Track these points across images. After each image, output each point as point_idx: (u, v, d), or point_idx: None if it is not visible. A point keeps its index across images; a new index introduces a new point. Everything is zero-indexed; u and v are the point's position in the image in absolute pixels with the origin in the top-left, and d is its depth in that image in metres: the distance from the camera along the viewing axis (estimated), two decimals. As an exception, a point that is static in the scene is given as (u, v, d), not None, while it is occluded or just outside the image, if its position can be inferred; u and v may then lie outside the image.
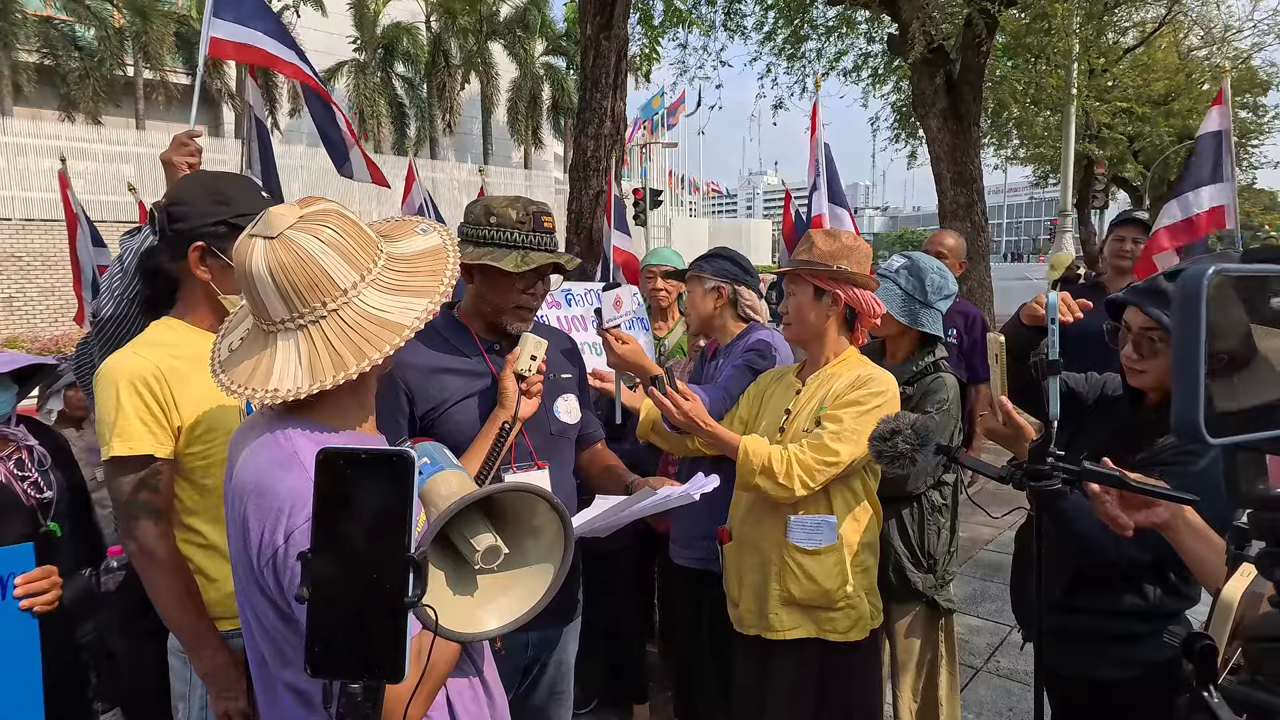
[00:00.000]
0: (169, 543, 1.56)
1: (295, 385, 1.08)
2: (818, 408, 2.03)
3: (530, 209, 1.78)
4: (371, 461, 0.75)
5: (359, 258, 1.12)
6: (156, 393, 1.54)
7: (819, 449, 1.93)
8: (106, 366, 1.56)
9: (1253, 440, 0.69)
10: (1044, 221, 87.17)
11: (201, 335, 1.65)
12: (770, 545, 2.05)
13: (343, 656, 0.76)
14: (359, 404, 1.22)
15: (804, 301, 2.08)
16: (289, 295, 1.09)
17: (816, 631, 2.03)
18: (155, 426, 1.54)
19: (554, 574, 1.16)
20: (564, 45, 28.09)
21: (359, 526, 0.74)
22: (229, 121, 23.90)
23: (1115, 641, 1.73)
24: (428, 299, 1.13)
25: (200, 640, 1.56)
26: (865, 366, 2.09)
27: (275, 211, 1.11)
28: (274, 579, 1.07)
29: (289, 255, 1.07)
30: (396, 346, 1.09)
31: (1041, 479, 1.38)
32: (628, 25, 5.59)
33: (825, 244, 2.09)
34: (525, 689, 1.91)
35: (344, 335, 1.10)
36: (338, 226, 1.11)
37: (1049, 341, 1.41)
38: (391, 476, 0.74)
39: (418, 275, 1.16)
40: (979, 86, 8.71)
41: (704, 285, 2.57)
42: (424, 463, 1.32)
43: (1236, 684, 0.79)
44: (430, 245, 1.21)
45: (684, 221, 28.41)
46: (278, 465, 1.09)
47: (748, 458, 1.95)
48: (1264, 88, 18.87)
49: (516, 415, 1.67)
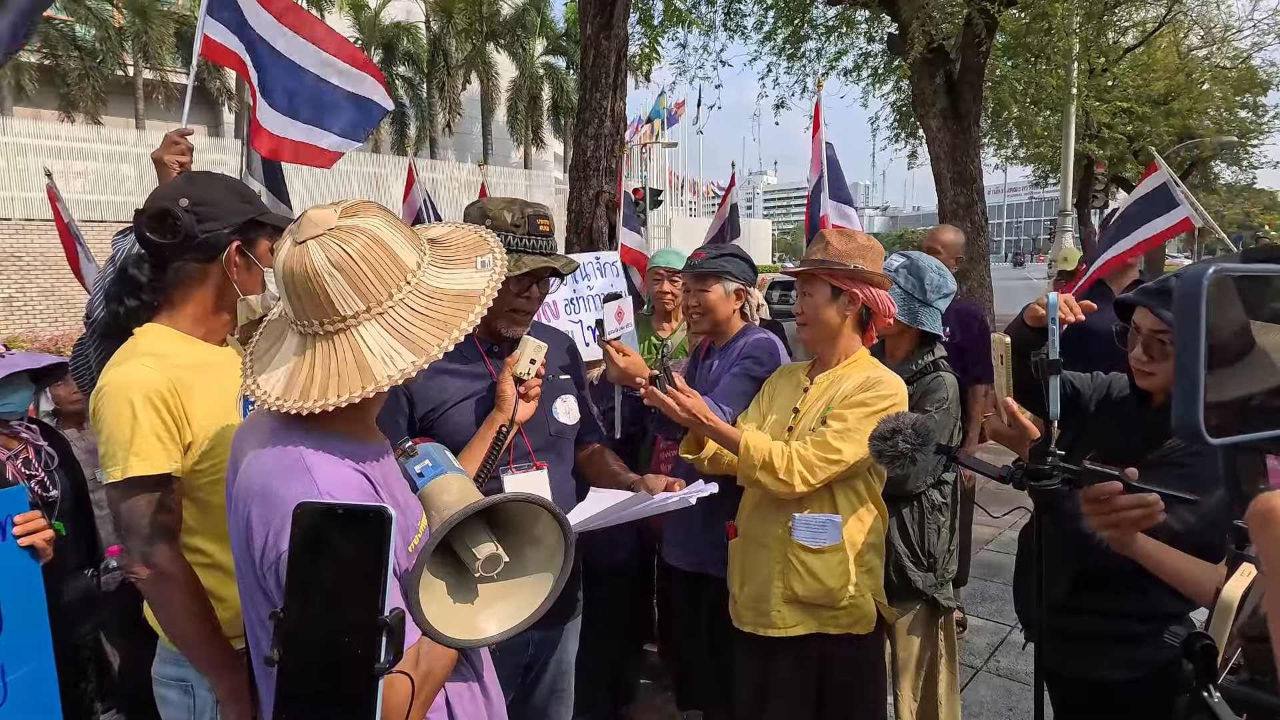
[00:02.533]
0: (183, 563, 1.47)
1: (269, 391, 1.08)
2: (825, 407, 2.02)
3: (526, 211, 1.77)
4: (348, 517, 0.72)
5: (371, 287, 1.07)
6: (172, 408, 1.46)
7: (821, 446, 1.93)
8: (115, 381, 1.46)
9: (1253, 440, 0.69)
10: (1044, 221, 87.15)
11: (195, 344, 1.59)
12: (775, 542, 2.05)
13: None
14: (360, 422, 1.20)
15: (820, 301, 2.06)
16: (295, 302, 1.09)
17: (818, 626, 2.02)
18: (170, 443, 1.46)
19: (553, 583, 1.16)
20: (564, 45, 28.10)
21: (332, 585, 0.72)
22: (229, 122, 23.90)
23: (1116, 642, 1.73)
24: (416, 356, 1.07)
25: (221, 662, 1.49)
26: (876, 369, 2.08)
27: (312, 214, 1.09)
28: (275, 583, 1.07)
29: (299, 266, 1.06)
30: (352, 400, 1.04)
31: (1041, 479, 1.37)
32: (628, 25, 5.58)
33: (841, 243, 2.06)
34: (526, 688, 1.92)
35: (328, 362, 1.07)
36: (359, 249, 1.06)
37: (1049, 341, 1.41)
38: (367, 534, 0.71)
39: (430, 321, 1.10)
40: (979, 86, 8.72)
41: (726, 286, 2.49)
42: (425, 465, 1.32)
43: (1236, 684, 0.79)
44: (469, 289, 1.15)
45: (684, 221, 28.38)
46: (284, 471, 1.09)
47: (749, 453, 1.95)
48: (1264, 88, 18.85)
49: (514, 418, 1.68)
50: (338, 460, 1.11)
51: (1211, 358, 0.63)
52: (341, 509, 0.73)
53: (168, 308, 1.61)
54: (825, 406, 2.03)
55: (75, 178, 13.51)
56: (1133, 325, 1.73)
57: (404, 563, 1.13)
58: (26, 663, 1.57)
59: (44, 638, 1.60)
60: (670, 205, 29.72)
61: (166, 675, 1.55)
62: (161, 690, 1.56)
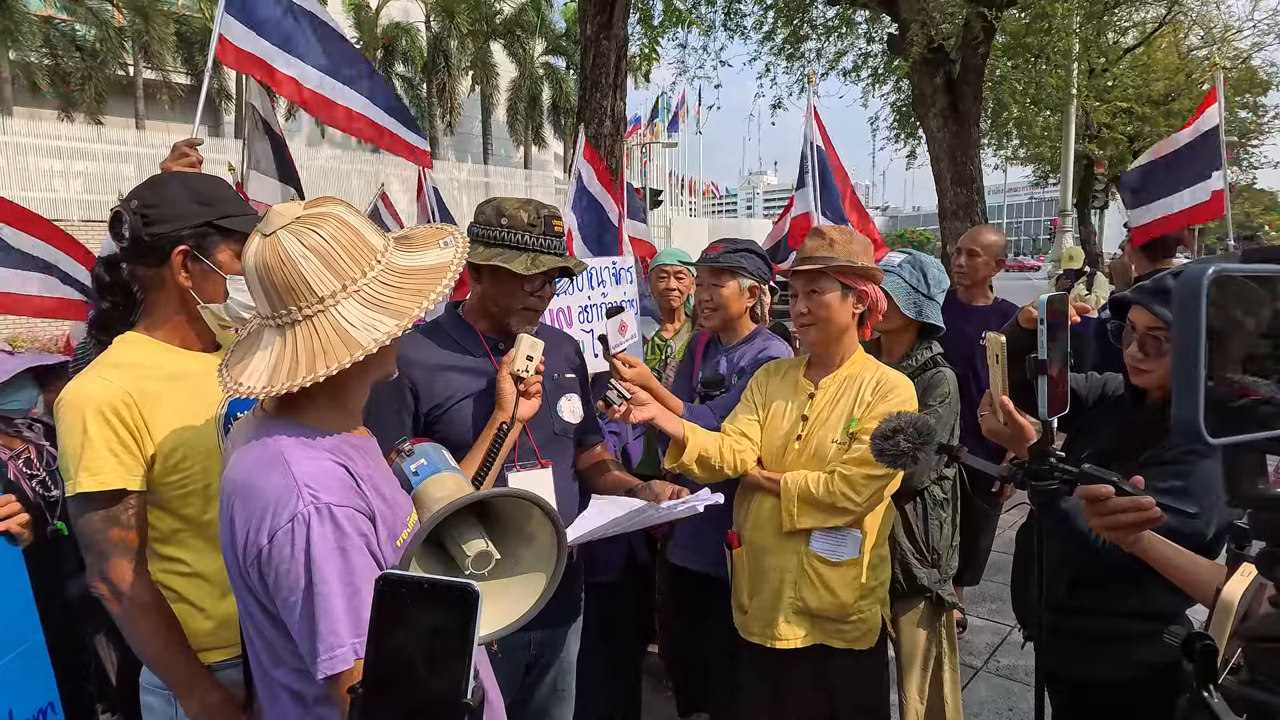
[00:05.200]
0: (145, 580, 1.43)
1: (254, 383, 1.09)
2: (847, 416, 1.98)
3: (542, 212, 1.78)
4: (434, 592, 0.68)
5: (344, 266, 1.10)
6: (127, 420, 1.40)
7: (869, 463, 1.83)
8: (69, 394, 1.41)
9: (1253, 440, 0.69)
10: (1044, 221, 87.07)
11: (172, 353, 1.53)
12: (789, 553, 2.00)
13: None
14: (342, 410, 1.21)
15: (833, 300, 1.99)
16: (271, 294, 1.10)
17: (823, 638, 2.00)
18: (126, 457, 1.40)
19: (546, 583, 1.15)
20: (564, 45, 28.07)
21: (413, 662, 0.68)
22: (229, 122, 23.89)
23: (1116, 642, 1.73)
24: (397, 320, 1.10)
25: (190, 680, 1.44)
26: (879, 367, 2.06)
27: (277, 209, 1.11)
28: (258, 578, 1.07)
29: (273, 256, 1.08)
30: (342, 366, 1.06)
31: (1042, 479, 1.37)
32: (628, 25, 5.58)
33: (846, 240, 2.02)
34: (527, 688, 1.92)
35: (310, 344, 1.09)
36: (330, 231, 1.10)
37: (1039, 341, 1.41)
38: (453, 611, 0.67)
39: (404, 292, 1.13)
40: (979, 86, 8.71)
41: (741, 283, 2.45)
42: (421, 464, 1.32)
43: (1236, 684, 0.79)
44: (437, 261, 1.19)
45: (684, 221, 28.39)
46: (263, 466, 1.09)
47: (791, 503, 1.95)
48: (1264, 88, 18.84)
49: (514, 416, 1.68)
50: (318, 453, 1.12)
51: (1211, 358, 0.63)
52: (427, 583, 0.70)
53: (145, 314, 1.57)
54: (847, 416, 1.98)
55: (75, 178, 13.49)
56: (1128, 323, 1.73)
57: (390, 558, 1.13)
58: (14, 648, 1.55)
59: (30, 620, 1.56)
60: (670, 205, 29.71)
61: (151, 682, 1.51)
62: (146, 697, 1.52)
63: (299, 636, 1.04)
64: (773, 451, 2.08)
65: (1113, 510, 1.24)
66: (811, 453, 2.01)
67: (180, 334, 1.55)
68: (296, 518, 1.03)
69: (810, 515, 1.95)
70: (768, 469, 2.07)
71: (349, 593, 1.03)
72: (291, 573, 1.03)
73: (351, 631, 1.01)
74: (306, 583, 1.02)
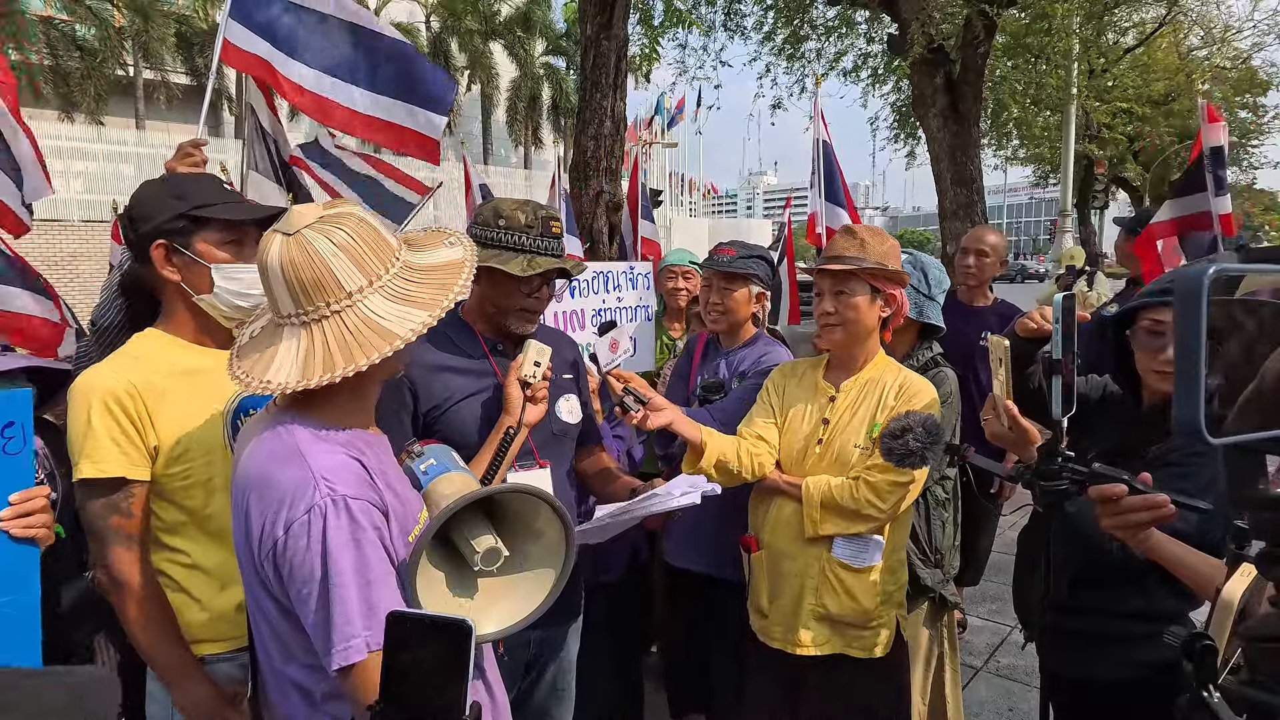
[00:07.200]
0: (142, 569, 1.46)
1: (286, 379, 1.10)
2: (870, 421, 1.95)
3: (540, 213, 1.78)
4: (434, 626, 0.83)
5: (370, 263, 1.13)
6: (130, 411, 1.44)
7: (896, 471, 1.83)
8: (78, 384, 1.47)
9: (1253, 440, 0.69)
10: (1044, 221, 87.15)
11: (183, 347, 1.58)
12: (810, 558, 1.97)
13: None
14: (360, 406, 1.23)
15: (862, 303, 1.96)
16: (296, 292, 1.11)
17: (843, 646, 1.97)
18: (129, 447, 1.44)
19: (555, 578, 1.16)
20: (564, 45, 28.06)
21: (419, 684, 0.82)
22: (229, 122, 23.89)
23: (1117, 642, 1.73)
24: (428, 311, 1.14)
25: (179, 671, 1.47)
26: (901, 371, 2.03)
27: (297, 210, 1.14)
28: (273, 571, 1.07)
29: (300, 253, 1.10)
30: (384, 355, 1.09)
31: (1051, 479, 1.37)
32: (628, 25, 5.58)
33: (878, 241, 1.98)
34: (527, 687, 1.92)
35: (341, 338, 1.11)
36: (353, 230, 1.13)
37: (1052, 341, 1.41)
38: (450, 641, 0.81)
39: (427, 286, 1.17)
40: (979, 86, 8.70)
41: (752, 290, 2.45)
42: (430, 464, 1.33)
43: (1236, 684, 0.79)
44: (451, 258, 1.22)
45: (684, 221, 28.39)
46: (280, 459, 1.10)
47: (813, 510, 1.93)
48: (1264, 88, 18.84)
49: (521, 421, 1.68)
50: (333, 447, 1.13)
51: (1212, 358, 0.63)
52: (429, 619, 0.84)
53: (163, 312, 1.63)
54: (869, 420, 1.95)
55: (75, 178, 13.49)
56: (1149, 325, 1.70)
57: (402, 553, 1.13)
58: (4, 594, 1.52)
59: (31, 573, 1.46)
60: (670, 205, 29.71)
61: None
62: (150, 685, 1.55)
63: (312, 628, 1.05)
64: (792, 455, 2.04)
65: (1126, 510, 1.24)
66: (834, 457, 1.97)
67: (191, 329, 1.59)
68: (313, 509, 1.04)
69: (833, 522, 1.92)
70: (787, 472, 2.04)
71: (362, 584, 1.04)
72: (306, 564, 1.04)
73: (365, 623, 1.02)
74: (322, 574, 1.03)
